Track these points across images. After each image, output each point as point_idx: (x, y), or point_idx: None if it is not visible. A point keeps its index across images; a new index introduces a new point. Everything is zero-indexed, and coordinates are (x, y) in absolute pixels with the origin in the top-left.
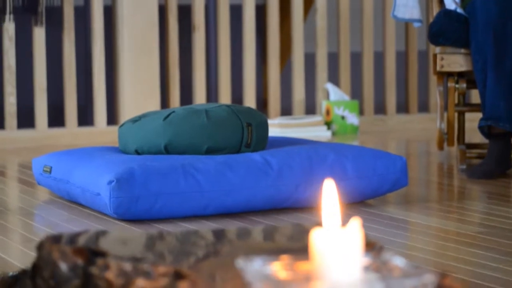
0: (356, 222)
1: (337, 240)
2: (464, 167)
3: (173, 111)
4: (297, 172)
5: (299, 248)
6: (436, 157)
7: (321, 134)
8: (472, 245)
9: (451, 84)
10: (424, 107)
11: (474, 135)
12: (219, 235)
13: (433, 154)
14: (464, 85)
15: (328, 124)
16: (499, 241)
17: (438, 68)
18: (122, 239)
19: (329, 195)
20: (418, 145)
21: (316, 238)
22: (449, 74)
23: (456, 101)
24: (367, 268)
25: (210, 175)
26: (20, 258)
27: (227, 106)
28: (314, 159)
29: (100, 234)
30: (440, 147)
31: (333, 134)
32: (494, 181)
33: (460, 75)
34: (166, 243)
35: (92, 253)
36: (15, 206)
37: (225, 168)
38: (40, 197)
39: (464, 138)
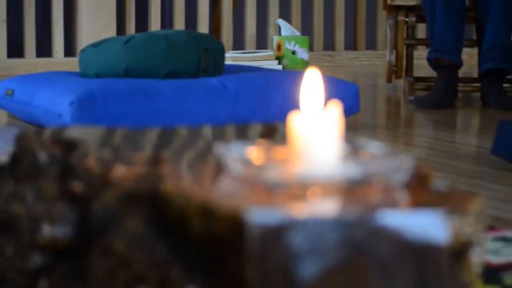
0: (335, 106)
1: (315, 124)
2: (412, 98)
3: (133, 36)
4: (253, 97)
5: (275, 139)
6: (384, 89)
7: (272, 68)
8: None
9: (401, 17)
10: (371, 45)
11: (421, 71)
12: (194, 132)
13: (381, 87)
14: (414, 19)
15: (279, 58)
16: (447, 162)
17: (388, 2)
18: (100, 133)
19: (311, 78)
20: (366, 79)
21: (294, 121)
22: (399, 8)
23: (405, 35)
24: (342, 153)
25: (170, 98)
26: None
27: (186, 32)
28: (270, 84)
29: (77, 128)
30: (389, 80)
31: (284, 68)
32: (441, 110)
33: (409, 9)
34: (145, 137)
35: (71, 144)
36: None
37: (183, 92)
38: (1, 120)
39: (413, 71)
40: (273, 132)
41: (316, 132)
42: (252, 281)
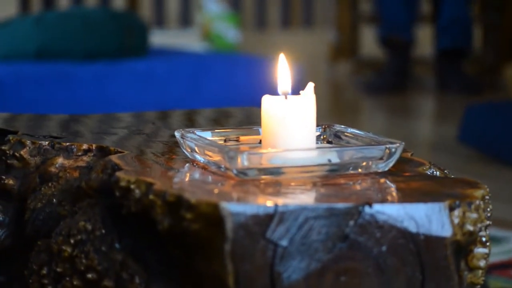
0: (310, 88)
1: (289, 107)
2: (359, 80)
3: (46, 14)
4: (182, 81)
5: (236, 125)
6: (326, 71)
7: (198, 49)
8: None
9: None
10: (309, 22)
11: (368, 51)
12: (139, 116)
13: (322, 68)
14: None
15: (205, 38)
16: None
17: None
18: (35, 118)
19: (282, 62)
20: (304, 60)
21: (267, 105)
22: None
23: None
24: (319, 139)
25: (89, 84)
26: None
27: (104, 9)
28: (200, 67)
29: (3, 116)
30: (332, 60)
31: (210, 49)
32: (392, 94)
33: None
34: (85, 124)
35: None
36: None
37: (104, 77)
38: None
39: (359, 51)
40: (228, 117)
41: (291, 116)
42: (228, 284)
